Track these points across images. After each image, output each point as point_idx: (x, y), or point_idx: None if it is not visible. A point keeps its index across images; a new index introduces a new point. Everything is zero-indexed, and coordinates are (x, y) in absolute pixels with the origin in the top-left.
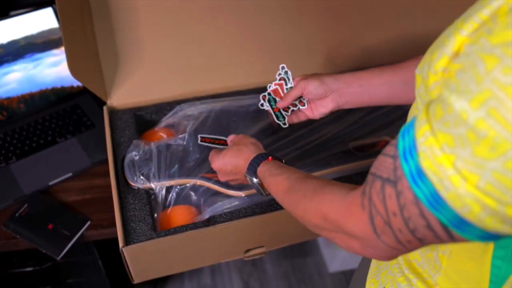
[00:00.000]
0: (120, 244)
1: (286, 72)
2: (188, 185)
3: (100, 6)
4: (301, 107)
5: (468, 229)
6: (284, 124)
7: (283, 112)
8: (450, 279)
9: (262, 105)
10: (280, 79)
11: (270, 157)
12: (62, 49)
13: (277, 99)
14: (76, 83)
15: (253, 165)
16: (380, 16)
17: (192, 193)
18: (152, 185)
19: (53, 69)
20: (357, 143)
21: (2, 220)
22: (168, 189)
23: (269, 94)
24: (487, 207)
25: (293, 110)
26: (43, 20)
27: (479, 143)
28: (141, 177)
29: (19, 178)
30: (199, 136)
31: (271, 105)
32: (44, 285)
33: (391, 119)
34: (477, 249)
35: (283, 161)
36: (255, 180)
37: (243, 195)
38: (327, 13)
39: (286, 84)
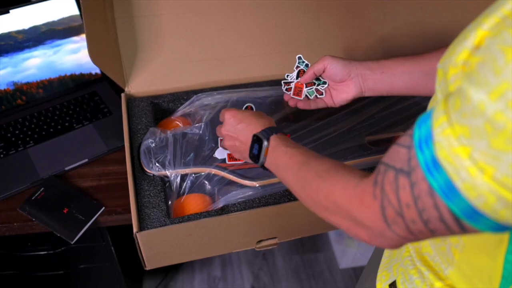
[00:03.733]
0: (134, 230)
1: (307, 65)
2: (202, 173)
3: None
4: (318, 96)
5: (480, 220)
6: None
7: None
8: (462, 273)
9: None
10: (298, 72)
11: (288, 134)
12: (82, 36)
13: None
14: (94, 70)
15: (271, 130)
16: (398, 9)
17: (207, 182)
18: (167, 173)
19: (72, 56)
20: (373, 137)
21: (18, 203)
22: (183, 177)
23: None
24: (502, 198)
25: (307, 96)
26: (64, 6)
27: (496, 135)
28: (157, 164)
29: (36, 162)
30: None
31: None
32: (56, 269)
33: (407, 114)
34: (490, 244)
35: None
36: (265, 143)
37: (257, 185)
38: (346, 6)
39: None
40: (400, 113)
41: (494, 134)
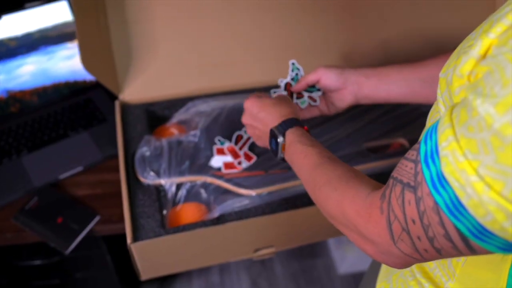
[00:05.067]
0: (128, 241)
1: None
2: (198, 182)
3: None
4: (312, 103)
5: (488, 239)
6: None
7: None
8: (463, 287)
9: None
10: (285, 85)
11: (305, 127)
12: (76, 42)
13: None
14: (89, 77)
15: (286, 123)
16: (397, 13)
17: (202, 191)
18: (162, 182)
19: (66, 63)
20: (372, 143)
21: (12, 212)
22: (178, 186)
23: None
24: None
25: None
26: (57, 13)
27: (504, 149)
28: (152, 173)
29: (30, 170)
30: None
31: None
32: (52, 279)
33: (406, 120)
34: (494, 259)
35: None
36: (280, 139)
37: (254, 194)
38: (343, 11)
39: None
40: (399, 120)
41: (501, 148)
